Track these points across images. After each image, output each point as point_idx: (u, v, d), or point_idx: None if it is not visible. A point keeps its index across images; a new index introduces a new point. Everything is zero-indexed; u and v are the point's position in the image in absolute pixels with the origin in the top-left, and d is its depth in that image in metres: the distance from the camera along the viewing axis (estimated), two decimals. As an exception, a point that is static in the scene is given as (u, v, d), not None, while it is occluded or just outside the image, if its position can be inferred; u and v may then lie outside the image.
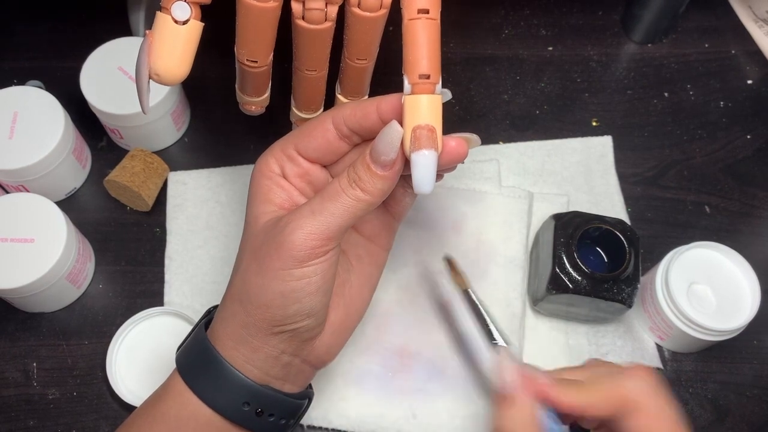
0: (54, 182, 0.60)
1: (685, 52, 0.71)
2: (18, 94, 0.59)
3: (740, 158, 0.66)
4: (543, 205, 0.62)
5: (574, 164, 0.64)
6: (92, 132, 0.64)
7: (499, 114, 0.67)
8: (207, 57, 0.42)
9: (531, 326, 0.58)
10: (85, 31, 0.68)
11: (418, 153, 0.36)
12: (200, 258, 0.60)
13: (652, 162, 0.65)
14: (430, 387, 0.55)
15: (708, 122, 0.68)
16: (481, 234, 0.59)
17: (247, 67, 0.42)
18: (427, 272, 0.58)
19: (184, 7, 0.36)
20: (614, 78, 0.69)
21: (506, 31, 0.72)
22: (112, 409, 0.55)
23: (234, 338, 0.40)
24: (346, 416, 0.54)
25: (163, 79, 0.37)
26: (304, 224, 0.38)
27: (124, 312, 0.58)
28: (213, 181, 0.63)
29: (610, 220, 0.54)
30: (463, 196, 0.61)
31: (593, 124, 0.67)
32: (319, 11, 0.39)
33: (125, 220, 0.62)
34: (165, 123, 0.62)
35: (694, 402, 0.56)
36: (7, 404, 0.55)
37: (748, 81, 0.70)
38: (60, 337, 0.58)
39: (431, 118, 0.36)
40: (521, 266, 0.58)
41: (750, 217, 0.63)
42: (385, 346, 0.56)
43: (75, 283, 0.57)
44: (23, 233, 0.54)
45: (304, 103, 0.47)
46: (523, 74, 0.69)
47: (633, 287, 0.53)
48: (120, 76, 0.60)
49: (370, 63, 0.43)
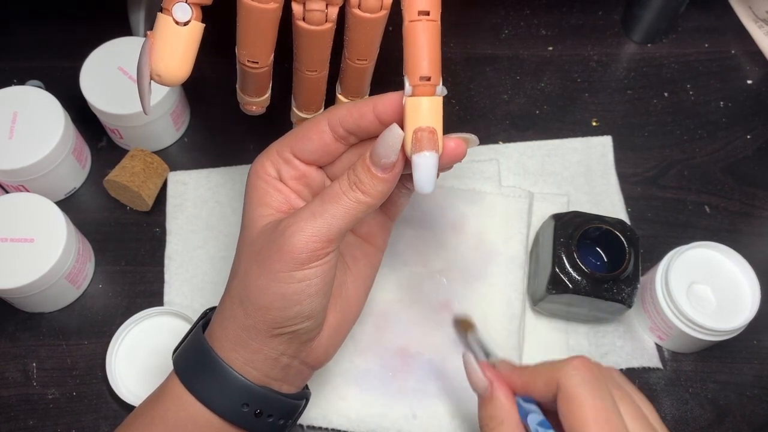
0: (54, 182, 0.60)
1: (685, 52, 0.71)
2: (18, 94, 0.59)
3: (740, 158, 0.66)
4: (543, 205, 0.62)
5: (574, 164, 0.65)
6: (92, 132, 0.64)
7: (499, 114, 0.67)
8: (207, 57, 0.42)
9: (531, 326, 0.58)
10: (85, 31, 0.68)
11: (420, 155, 0.36)
12: (200, 258, 0.60)
13: (652, 162, 0.65)
14: (430, 387, 0.55)
15: (708, 122, 0.68)
16: (481, 234, 0.59)
17: (248, 68, 0.42)
18: (427, 272, 0.58)
19: (185, 8, 0.36)
20: (614, 78, 0.69)
21: (506, 31, 0.72)
22: (111, 408, 0.55)
23: (233, 340, 0.41)
24: (346, 416, 0.54)
25: (165, 80, 0.37)
26: (304, 227, 0.38)
27: (124, 312, 0.58)
28: (213, 181, 0.63)
29: (610, 220, 0.54)
30: (463, 196, 0.61)
31: (593, 124, 0.67)
32: (320, 12, 0.39)
33: (125, 220, 0.62)
34: (165, 123, 0.62)
35: (694, 402, 0.57)
36: (7, 404, 0.55)
37: (748, 81, 0.70)
38: (60, 337, 0.58)
39: (432, 119, 0.36)
40: (521, 266, 0.58)
41: (750, 217, 0.63)
42: (385, 346, 0.56)
43: (75, 283, 0.57)
44: (23, 233, 0.54)
45: (305, 104, 0.47)
46: (523, 74, 0.69)
47: (633, 287, 0.53)
48: (120, 76, 0.60)
49: (371, 63, 0.43)
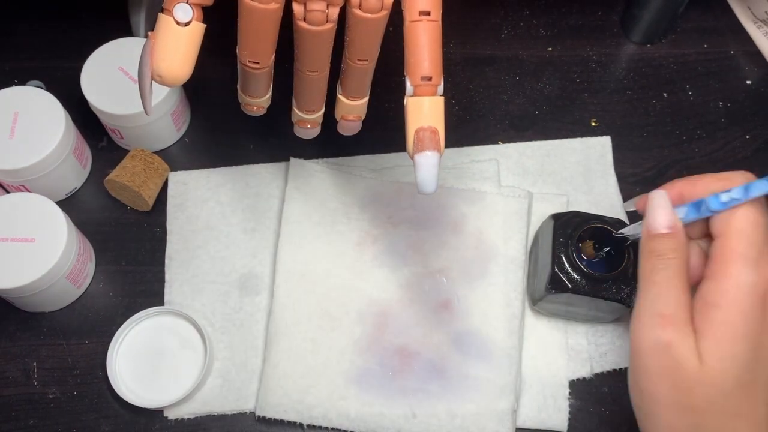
0: (54, 182, 0.60)
1: (684, 52, 0.71)
2: (18, 94, 0.59)
3: (739, 158, 0.66)
4: (542, 205, 0.62)
5: (574, 164, 0.65)
6: (93, 132, 0.64)
7: (499, 114, 0.67)
8: (207, 57, 0.42)
9: (531, 326, 0.58)
10: (85, 31, 0.68)
11: (422, 154, 0.36)
12: (200, 258, 0.60)
13: (651, 162, 0.66)
14: (430, 387, 0.55)
15: (707, 122, 0.68)
16: (480, 234, 0.60)
17: (249, 68, 0.42)
18: (427, 272, 0.58)
19: (186, 9, 0.36)
20: (613, 78, 0.70)
21: (506, 31, 0.72)
22: (112, 408, 0.55)
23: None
24: (346, 416, 0.54)
25: (166, 80, 0.37)
26: None
27: (125, 312, 0.58)
28: (213, 181, 0.63)
29: (610, 220, 0.54)
30: (463, 196, 0.61)
31: (592, 125, 0.67)
32: (321, 13, 0.39)
33: (126, 220, 0.62)
34: (165, 123, 0.62)
35: (692, 401, 0.57)
36: (8, 403, 0.55)
37: (747, 81, 0.70)
38: (60, 336, 0.58)
39: (434, 119, 0.36)
40: (521, 266, 0.59)
41: (749, 218, 0.63)
42: (385, 346, 0.56)
43: (75, 283, 0.57)
44: (24, 233, 0.54)
45: (305, 104, 0.47)
46: (522, 74, 0.69)
47: (632, 287, 0.53)
48: (121, 76, 0.60)
49: (371, 64, 0.44)
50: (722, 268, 0.38)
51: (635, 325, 0.39)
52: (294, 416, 0.54)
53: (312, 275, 0.58)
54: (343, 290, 0.58)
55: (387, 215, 0.60)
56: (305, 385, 0.55)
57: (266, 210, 0.62)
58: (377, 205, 0.61)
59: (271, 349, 0.56)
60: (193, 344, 0.56)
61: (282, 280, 0.58)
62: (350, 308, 0.57)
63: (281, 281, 0.58)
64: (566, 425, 0.55)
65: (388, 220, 0.60)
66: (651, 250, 0.40)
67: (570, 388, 0.56)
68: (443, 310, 0.57)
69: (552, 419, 0.55)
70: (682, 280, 0.39)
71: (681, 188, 0.42)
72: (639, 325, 0.39)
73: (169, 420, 0.55)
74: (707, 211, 0.39)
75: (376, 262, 0.59)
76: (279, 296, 0.57)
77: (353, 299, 0.58)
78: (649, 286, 0.40)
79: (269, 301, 0.58)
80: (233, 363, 0.57)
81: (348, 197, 0.61)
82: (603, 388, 0.57)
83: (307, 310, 0.57)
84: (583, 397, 0.56)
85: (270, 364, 0.55)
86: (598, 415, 0.56)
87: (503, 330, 0.56)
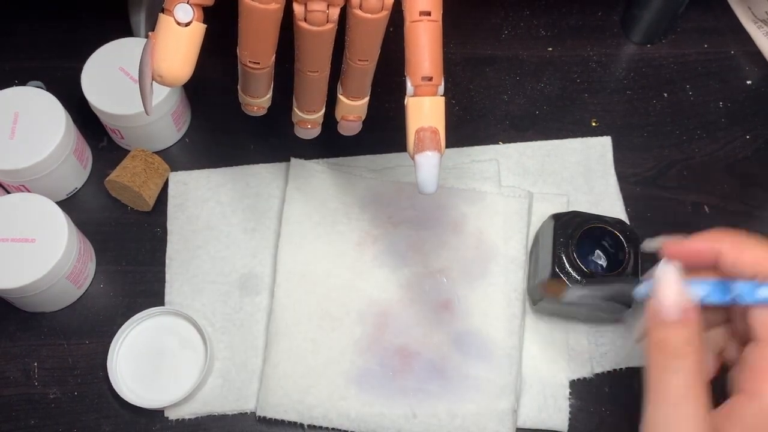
0: (55, 182, 0.60)
1: (684, 52, 0.71)
2: (19, 94, 0.59)
3: (740, 158, 0.66)
4: (543, 205, 0.62)
5: (574, 164, 0.65)
6: (93, 132, 0.64)
7: (499, 114, 0.67)
8: (208, 58, 0.42)
9: (531, 326, 0.58)
10: (86, 32, 0.68)
11: (422, 155, 0.36)
12: (201, 258, 0.60)
13: (652, 162, 0.66)
14: (431, 387, 0.55)
15: (707, 122, 0.68)
16: (481, 234, 0.60)
17: (249, 69, 0.42)
18: (427, 272, 0.58)
19: (186, 9, 0.36)
20: (614, 78, 0.70)
21: (506, 31, 0.72)
22: (113, 408, 0.55)
23: None
24: (346, 416, 0.54)
25: (166, 80, 0.37)
26: None
27: (125, 312, 0.58)
28: (214, 181, 0.63)
29: (610, 220, 0.54)
30: (463, 196, 0.61)
31: (593, 125, 0.67)
32: (321, 13, 0.39)
33: (126, 220, 0.62)
34: (166, 123, 0.62)
35: (693, 401, 0.57)
36: (8, 404, 0.55)
37: (747, 81, 0.70)
38: (61, 336, 0.58)
39: (434, 119, 0.36)
40: (521, 266, 0.59)
41: (749, 218, 0.64)
42: (385, 346, 0.56)
43: (76, 283, 0.57)
44: (24, 233, 0.54)
45: (306, 104, 0.47)
46: (522, 74, 0.69)
47: (633, 285, 0.53)
48: (121, 76, 0.60)
49: (372, 64, 0.44)
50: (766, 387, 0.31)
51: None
52: (294, 416, 0.54)
53: (312, 275, 0.58)
54: (344, 290, 0.58)
55: (387, 215, 0.60)
56: (305, 386, 0.55)
57: (266, 210, 0.62)
58: (377, 205, 0.61)
59: (271, 349, 0.56)
60: (194, 344, 0.56)
61: (282, 280, 0.58)
62: (350, 308, 0.57)
63: (281, 281, 0.58)
64: (566, 425, 0.55)
65: (389, 220, 0.60)
66: (660, 343, 0.33)
67: (570, 388, 0.56)
68: (443, 310, 0.57)
69: (552, 419, 0.55)
70: (701, 389, 0.32)
71: (721, 247, 0.34)
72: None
73: (169, 420, 0.55)
74: (738, 299, 0.33)
75: (376, 262, 0.59)
76: (279, 296, 0.57)
77: (353, 299, 0.58)
78: (661, 399, 0.33)
79: (269, 301, 0.58)
80: (233, 363, 0.57)
81: (348, 197, 0.61)
82: (603, 388, 0.57)
83: (308, 310, 0.57)
84: (584, 397, 0.56)
85: (270, 364, 0.55)
86: (598, 415, 0.56)
87: (503, 330, 0.56)
